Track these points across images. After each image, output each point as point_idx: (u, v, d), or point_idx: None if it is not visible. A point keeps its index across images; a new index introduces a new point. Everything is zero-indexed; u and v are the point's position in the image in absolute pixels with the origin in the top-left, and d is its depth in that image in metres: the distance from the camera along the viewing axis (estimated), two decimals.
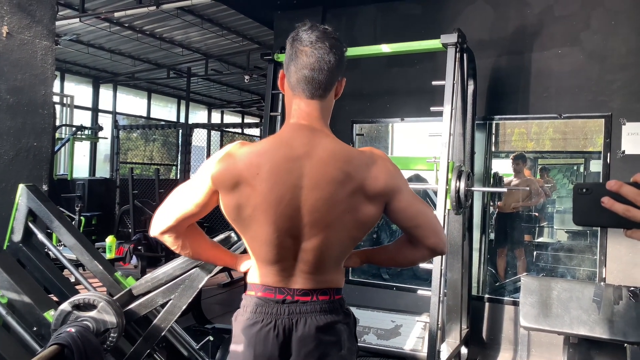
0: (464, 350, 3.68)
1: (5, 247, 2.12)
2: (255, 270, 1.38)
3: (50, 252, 2.72)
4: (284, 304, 1.32)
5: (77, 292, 2.12)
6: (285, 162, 1.25)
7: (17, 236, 2.13)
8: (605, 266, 3.67)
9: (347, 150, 1.32)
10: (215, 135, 10.94)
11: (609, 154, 3.69)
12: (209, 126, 11.31)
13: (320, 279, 1.34)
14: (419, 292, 3.42)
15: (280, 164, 1.25)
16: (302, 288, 1.33)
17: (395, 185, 1.31)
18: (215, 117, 14.72)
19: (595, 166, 5.69)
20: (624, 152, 3.64)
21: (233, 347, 1.37)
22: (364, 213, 1.30)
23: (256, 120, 15.23)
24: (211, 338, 2.57)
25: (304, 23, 1.34)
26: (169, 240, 1.37)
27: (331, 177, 1.25)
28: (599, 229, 3.74)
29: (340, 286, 1.39)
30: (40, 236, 2.16)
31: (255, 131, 13.00)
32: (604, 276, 3.67)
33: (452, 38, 3.22)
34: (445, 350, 3.30)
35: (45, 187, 2.74)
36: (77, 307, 1.65)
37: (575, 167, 6.92)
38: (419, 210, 1.33)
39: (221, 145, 10.76)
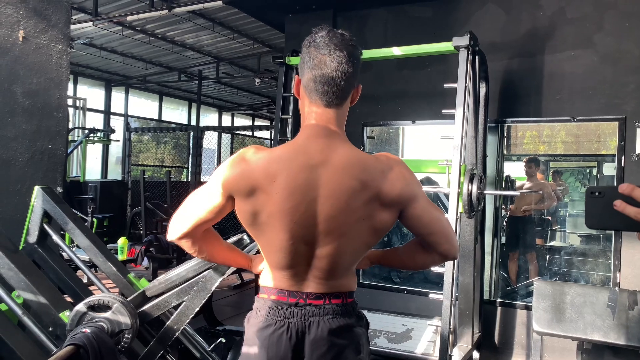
0: (475, 355, 3.65)
1: (20, 248, 2.15)
2: (268, 274, 1.38)
3: (63, 253, 2.75)
4: (297, 307, 1.32)
5: (90, 293, 2.14)
6: (302, 171, 1.25)
7: (33, 237, 2.16)
8: (620, 271, 3.63)
9: (363, 157, 1.31)
10: (226, 137, 11.00)
11: (623, 157, 3.65)
12: (220, 129, 11.36)
13: (333, 284, 1.34)
14: (431, 295, 3.41)
15: (296, 173, 1.25)
16: (314, 292, 1.33)
17: (410, 193, 1.30)
18: (226, 120, 14.80)
19: (609, 169, 5.63)
20: (638, 155, 3.60)
21: (245, 349, 1.37)
22: (379, 220, 1.30)
23: (266, 122, 15.27)
24: (223, 340, 2.57)
25: (320, 27, 1.32)
26: (186, 245, 1.38)
27: (347, 186, 1.25)
28: (612, 232, 3.70)
29: (352, 290, 1.39)
30: (55, 238, 2.19)
31: (266, 134, 13.05)
32: (618, 281, 3.63)
33: (464, 40, 3.21)
34: (457, 354, 3.28)
35: (59, 189, 2.77)
36: (92, 308, 1.67)
37: (588, 170, 6.86)
38: (433, 217, 1.33)
39: (232, 148, 10.80)
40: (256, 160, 1.27)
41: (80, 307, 1.67)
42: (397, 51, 3.61)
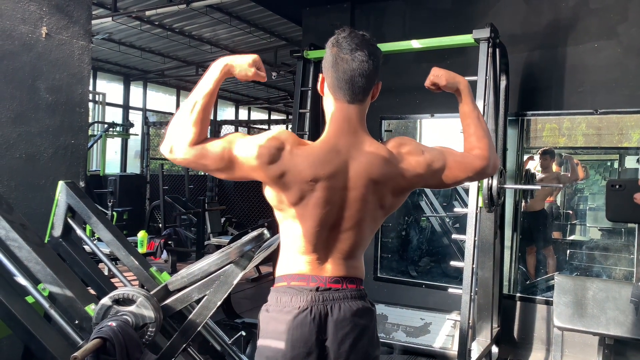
0: (494, 349, 3.63)
1: (46, 242, 2.18)
2: (287, 261, 1.45)
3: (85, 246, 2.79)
4: (318, 291, 1.40)
5: (113, 286, 2.17)
6: (336, 168, 1.36)
7: (57, 231, 2.20)
8: None
9: (384, 150, 1.42)
10: (243, 131, 11.03)
11: None
12: (237, 123, 11.40)
13: (350, 265, 1.44)
14: (450, 290, 3.39)
15: (333, 170, 1.36)
16: (333, 276, 1.42)
17: (418, 172, 1.45)
18: (243, 114, 14.84)
19: (631, 162, 5.52)
20: None
21: (267, 336, 1.41)
22: (391, 204, 1.45)
23: (283, 116, 15.28)
24: (243, 333, 2.60)
25: (342, 29, 1.42)
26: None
27: (371, 178, 1.38)
28: (635, 226, 3.64)
29: (363, 278, 1.50)
30: (79, 232, 2.22)
31: (282, 128, 13.07)
32: None
33: (484, 33, 3.17)
34: (475, 349, 3.27)
35: (82, 184, 2.81)
36: (117, 301, 1.69)
37: (609, 163, 6.73)
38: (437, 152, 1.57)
39: None
40: (308, 153, 1.36)
41: (106, 300, 1.69)
42: (415, 44, 3.58)
